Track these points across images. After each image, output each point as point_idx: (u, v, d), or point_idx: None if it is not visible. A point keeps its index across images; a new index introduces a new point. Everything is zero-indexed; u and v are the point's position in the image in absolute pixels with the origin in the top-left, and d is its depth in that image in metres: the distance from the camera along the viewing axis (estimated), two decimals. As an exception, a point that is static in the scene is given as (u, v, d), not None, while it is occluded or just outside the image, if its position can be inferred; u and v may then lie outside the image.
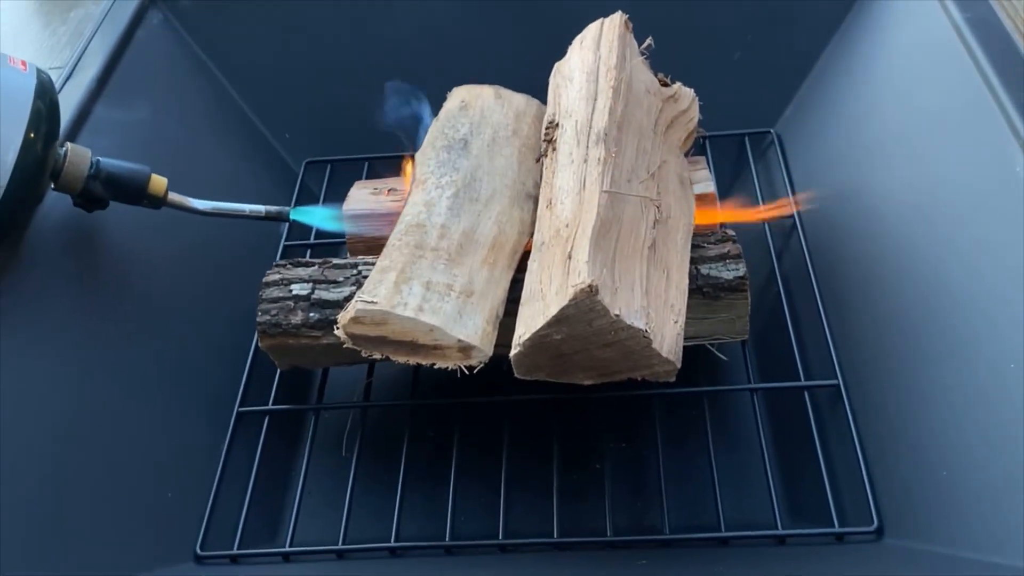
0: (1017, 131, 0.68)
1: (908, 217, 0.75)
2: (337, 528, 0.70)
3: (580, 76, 0.78)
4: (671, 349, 0.62)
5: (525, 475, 0.73)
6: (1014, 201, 0.65)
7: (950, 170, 0.74)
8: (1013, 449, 0.59)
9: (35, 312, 0.69)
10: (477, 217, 0.72)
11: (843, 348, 0.76)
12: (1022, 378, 0.60)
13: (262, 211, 0.80)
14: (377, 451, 0.77)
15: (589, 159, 0.69)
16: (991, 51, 0.74)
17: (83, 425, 0.68)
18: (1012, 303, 0.63)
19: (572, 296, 0.60)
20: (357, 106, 0.95)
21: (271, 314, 0.74)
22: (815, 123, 0.92)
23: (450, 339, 0.64)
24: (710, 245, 0.74)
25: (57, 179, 0.70)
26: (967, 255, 0.69)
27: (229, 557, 0.69)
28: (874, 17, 0.90)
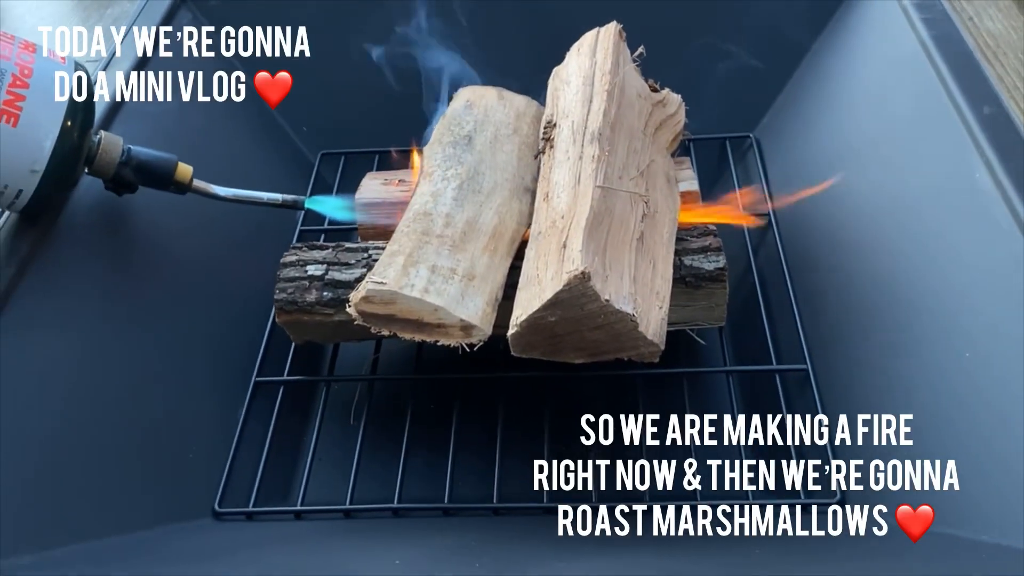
0: (976, 141, 0.68)
1: (875, 217, 0.76)
2: (345, 490, 0.71)
3: (577, 80, 0.78)
4: (656, 332, 0.63)
5: (518, 445, 0.74)
6: (972, 204, 0.66)
7: (914, 175, 0.74)
8: (961, 433, 0.60)
9: (69, 284, 0.70)
10: (479, 208, 0.73)
11: (812, 336, 0.77)
12: (976, 366, 0.61)
13: (279, 199, 0.81)
14: (382, 421, 0.78)
15: (584, 156, 0.70)
16: (954, 67, 0.75)
17: (111, 390, 0.68)
18: (969, 297, 0.64)
19: (566, 282, 0.60)
20: (370, 103, 0.96)
21: (288, 292, 0.74)
22: (791, 129, 0.93)
23: (453, 319, 0.65)
24: (693, 238, 0.75)
25: (91, 164, 0.71)
26: (928, 253, 0.69)
27: (245, 514, 0.70)
28: (847, 33, 0.91)
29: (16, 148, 0.64)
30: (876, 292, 0.72)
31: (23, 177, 0.65)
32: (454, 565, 0.59)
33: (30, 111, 0.64)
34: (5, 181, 0.65)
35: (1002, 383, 0.59)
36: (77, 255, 0.72)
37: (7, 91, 0.63)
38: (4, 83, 0.63)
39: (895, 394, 0.67)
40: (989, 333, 0.61)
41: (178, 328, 0.77)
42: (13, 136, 0.63)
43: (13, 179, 0.65)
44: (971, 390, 0.61)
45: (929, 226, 0.70)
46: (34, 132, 0.64)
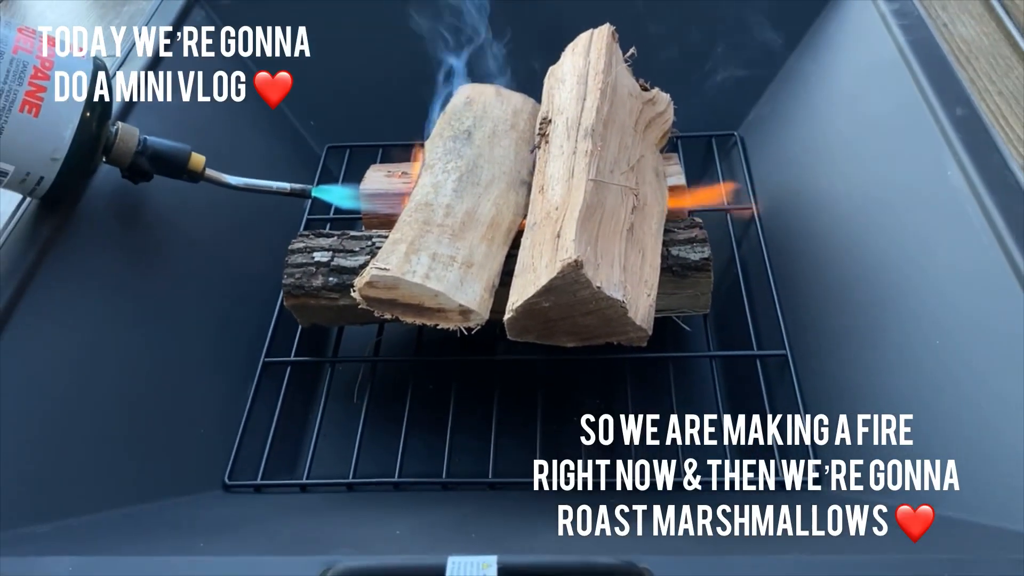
0: (949, 140, 0.69)
1: (853, 212, 0.76)
2: (348, 465, 0.71)
3: (571, 79, 0.78)
4: (644, 318, 0.63)
5: (512, 425, 0.74)
6: (945, 200, 0.67)
7: (891, 172, 0.74)
8: (931, 417, 0.60)
9: (88, 267, 0.70)
10: (478, 199, 0.73)
11: (791, 323, 0.77)
12: (946, 351, 0.61)
13: (287, 188, 0.80)
14: (384, 400, 0.78)
15: (578, 151, 0.70)
16: (929, 70, 0.75)
17: (127, 367, 0.68)
18: (940, 287, 0.64)
19: (560, 269, 0.60)
20: (374, 98, 0.95)
21: (295, 277, 0.74)
22: (774, 127, 0.93)
23: (452, 304, 0.65)
24: (680, 230, 0.75)
25: (109, 153, 0.71)
26: (903, 246, 0.70)
27: (253, 486, 0.70)
28: (828, 37, 0.91)
29: (38, 137, 0.64)
30: (853, 283, 0.72)
31: (44, 164, 0.65)
32: (452, 535, 0.59)
33: (51, 102, 0.64)
34: (27, 169, 0.65)
35: (968, 366, 0.59)
36: (95, 240, 0.71)
37: (29, 82, 0.63)
38: (27, 75, 0.63)
39: (870, 378, 0.67)
40: (958, 321, 0.62)
41: (190, 311, 0.77)
42: (35, 125, 0.63)
43: (35, 166, 0.65)
44: (940, 373, 0.61)
45: (904, 220, 0.71)
46: (55, 122, 0.64)
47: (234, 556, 0.50)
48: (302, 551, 0.51)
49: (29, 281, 0.64)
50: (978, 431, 0.57)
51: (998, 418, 0.56)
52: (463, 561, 0.46)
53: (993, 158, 0.66)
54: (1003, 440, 0.55)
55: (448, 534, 0.60)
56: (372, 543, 0.58)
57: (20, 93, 0.62)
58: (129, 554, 0.51)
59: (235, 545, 0.58)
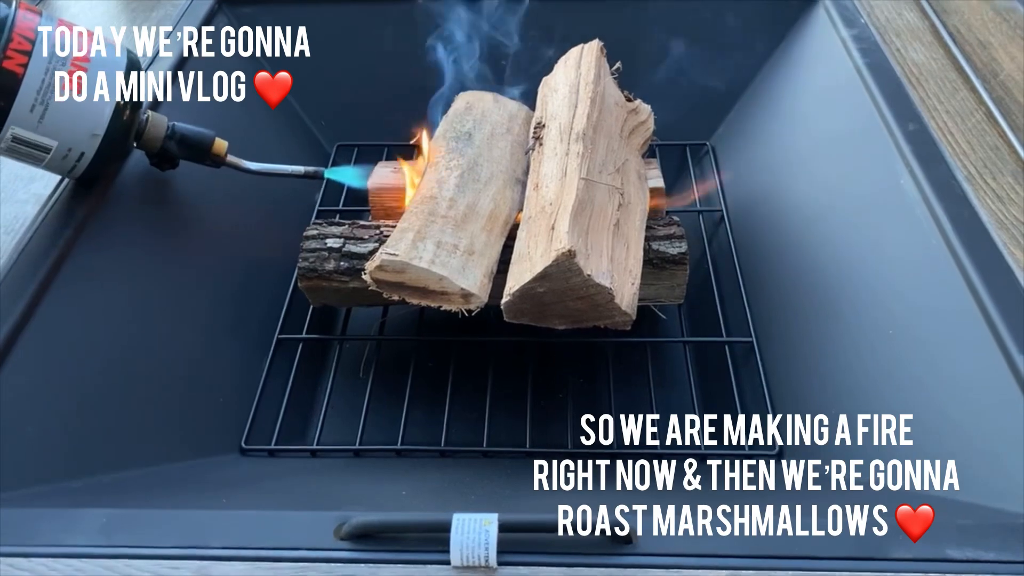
0: (902, 151, 0.69)
1: (814, 214, 0.77)
2: (355, 433, 0.71)
3: (564, 88, 0.78)
4: (629, 304, 0.63)
5: (505, 400, 0.74)
6: (897, 205, 0.67)
7: (849, 179, 0.75)
8: (888, 393, 0.61)
9: (118, 245, 0.69)
10: (478, 194, 0.73)
11: (757, 313, 0.77)
12: (898, 340, 0.62)
13: (301, 171, 0.78)
14: (388, 375, 0.77)
15: (570, 153, 0.70)
16: (884, 90, 0.76)
17: (152, 340, 0.68)
18: (892, 282, 0.65)
19: (554, 258, 0.60)
20: (381, 102, 0.95)
21: (309, 261, 0.73)
22: (743, 138, 0.93)
23: (455, 287, 0.65)
24: (660, 227, 0.75)
25: (140, 139, 0.70)
26: (859, 245, 0.70)
27: (267, 451, 0.70)
28: (793, 58, 0.91)
29: (79, 114, 0.63)
30: (813, 278, 0.73)
31: (85, 140, 0.64)
32: (453, 495, 0.59)
33: (92, 83, 0.63)
34: (69, 144, 0.64)
35: (919, 354, 0.60)
36: (126, 221, 0.70)
37: (72, 64, 0.62)
38: (69, 59, 0.62)
39: (828, 364, 0.67)
40: (909, 313, 0.62)
41: (210, 290, 0.76)
42: (77, 104, 0.63)
43: (76, 142, 0.64)
44: (892, 360, 0.62)
45: (861, 222, 0.71)
46: (95, 101, 0.63)
47: (255, 511, 0.50)
48: (317, 507, 0.50)
49: (65, 256, 0.64)
50: (927, 407, 0.57)
51: (945, 397, 0.56)
52: (467, 518, 0.46)
53: (941, 168, 0.67)
54: (949, 415, 0.56)
55: (450, 495, 0.60)
56: (381, 502, 0.57)
57: (64, 75, 0.62)
58: (158, 507, 0.51)
59: (255, 501, 0.57)
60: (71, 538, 0.47)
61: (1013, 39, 0.85)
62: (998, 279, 0.58)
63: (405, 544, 0.47)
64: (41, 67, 0.60)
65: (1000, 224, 0.63)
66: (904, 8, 0.91)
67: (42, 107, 0.61)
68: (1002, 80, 0.79)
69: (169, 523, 0.48)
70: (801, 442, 0.65)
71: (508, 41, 0.95)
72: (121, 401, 0.62)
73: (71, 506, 0.50)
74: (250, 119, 0.93)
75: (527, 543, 0.46)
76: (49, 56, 0.61)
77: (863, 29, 0.85)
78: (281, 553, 0.46)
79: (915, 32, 0.87)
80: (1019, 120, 0.74)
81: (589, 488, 0.61)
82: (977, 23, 0.88)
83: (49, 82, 0.61)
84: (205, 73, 0.87)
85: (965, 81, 0.79)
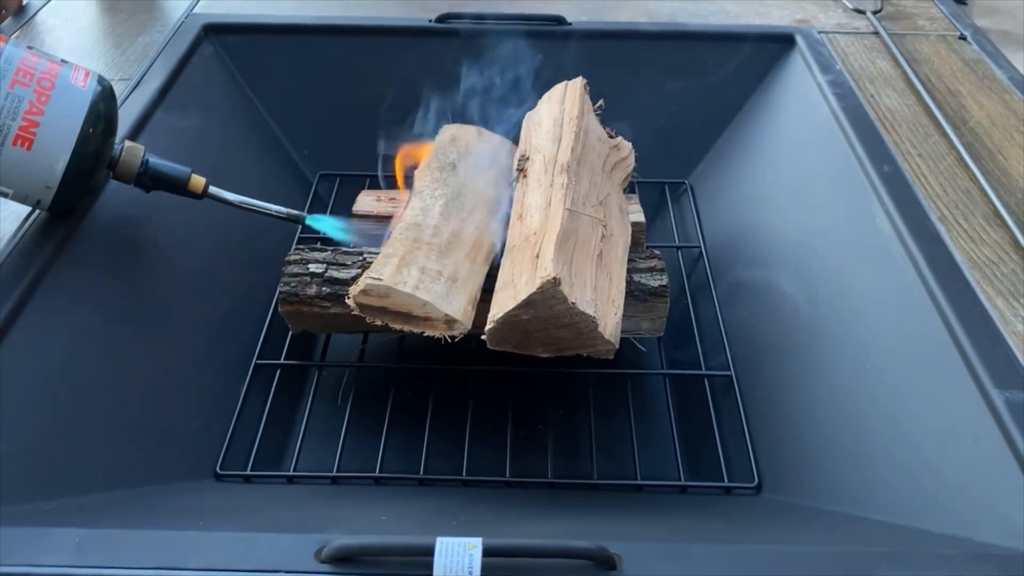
0: (877, 191, 0.71)
1: (791, 252, 0.78)
2: (332, 461, 0.70)
3: (548, 122, 0.79)
4: (612, 333, 0.64)
5: (485, 429, 0.73)
6: (871, 243, 0.69)
7: (825, 219, 0.77)
8: (864, 427, 0.62)
9: (96, 270, 0.68)
10: (462, 222, 0.73)
11: (736, 347, 0.78)
12: (875, 374, 0.63)
13: (283, 213, 0.77)
14: (366, 403, 0.76)
15: (555, 184, 0.71)
16: (860, 133, 0.78)
17: (127, 365, 0.66)
18: (868, 318, 0.67)
19: (539, 285, 0.61)
20: (364, 132, 0.95)
21: (291, 285, 0.73)
22: (721, 177, 0.95)
23: (439, 313, 0.65)
24: (641, 260, 0.76)
25: (114, 171, 0.69)
26: (834, 281, 0.72)
27: (243, 477, 0.68)
28: (771, 100, 0.94)
29: (31, 168, 0.61)
30: (791, 314, 0.74)
31: (40, 191, 0.62)
32: (435, 521, 0.58)
33: (44, 136, 0.61)
34: (25, 193, 0.63)
35: (894, 388, 0.61)
36: (104, 241, 0.70)
37: (23, 118, 0.60)
38: (21, 110, 0.60)
39: (806, 397, 0.68)
40: (886, 347, 0.63)
41: (188, 313, 0.75)
42: (28, 158, 0.61)
43: (31, 192, 0.63)
44: (869, 394, 0.63)
45: (837, 260, 0.73)
46: (47, 155, 0.61)
47: (233, 532, 0.49)
48: (297, 530, 0.49)
49: (39, 281, 0.63)
50: (902, 440, 0.58)
51: (920, 432, 0.57)
52: (451, 542, 0.46)
53: (915, 209, 0.69)
54: (919, 451, 0.57)
55: (431, 521, 0.59)
56: (361, 527, 0.56)
57: (14, 128, 0.60)
58: (132, 528, 0.50)
59: (232, 524, 0.56)
60: (43, 557, 0.46)
61: (981, 88, 0.88)
62: (972, 316, 0.59)
63: (387, 567, 0.46)
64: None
65: (973, 263, 0.65)
66: (877, 57, 0.95)
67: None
68: (971, 127, 0.82)
69: (145, 543, 0.47)
70: (781, 476, 0.67)
71: (489, 77, 0.97)
72: (95, 423, 0.61)
73: (43, 525, 0.49)
74: (233, 148, 0.93)
75: (512, 568, 0.45)
76: (2, 105, 0.59)
77: (838, 75, 0.88)
78: (260, 575, 0.45)
79: (888, 79, 0.90)
80: (988, 164, 0.76)
81: (573, 515, 0.61)
82: (947, 72, 0.91)
83: (3, 134, 0.59)
84: (189, 100, 0.89)
85: (936, 127, 0.82)
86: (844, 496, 0.60)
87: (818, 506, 0.61)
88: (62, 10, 1.02)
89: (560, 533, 0.47)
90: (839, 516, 0.58)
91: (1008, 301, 0.61)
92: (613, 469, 0.71)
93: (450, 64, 0.96)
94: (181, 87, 0.88)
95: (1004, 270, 0.64)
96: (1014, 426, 0.52)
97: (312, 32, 0.99)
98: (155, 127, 0.81)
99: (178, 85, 0.88)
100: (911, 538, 0.53)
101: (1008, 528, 0.49)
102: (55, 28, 0.97)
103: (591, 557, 0.46)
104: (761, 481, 0.67)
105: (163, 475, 0.63)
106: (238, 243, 0.84)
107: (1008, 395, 0.54)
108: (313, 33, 0.99)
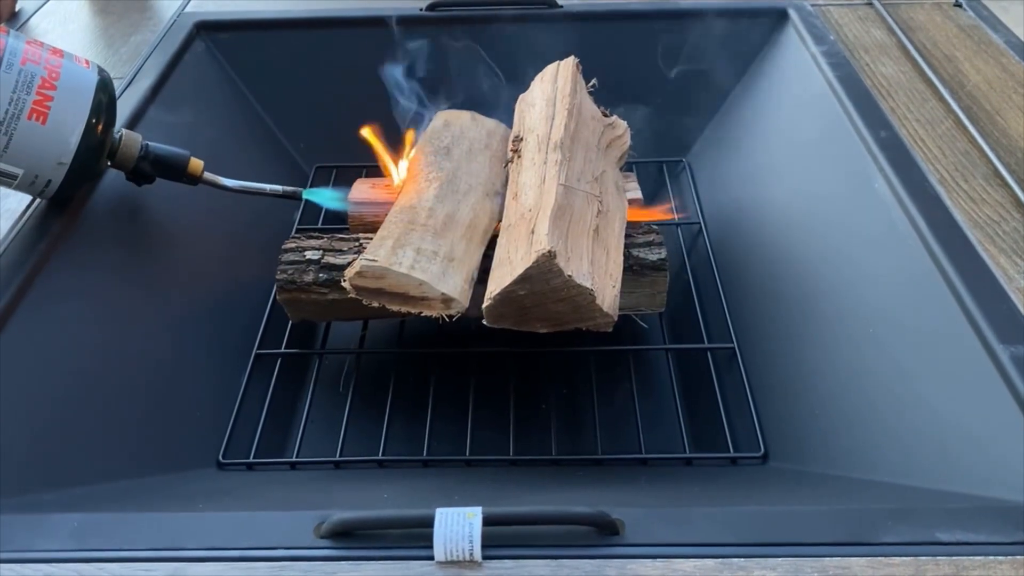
0: (875, 156, 0.70)
1: (791, 220, 0.77)
2: (334, 447, 0.69)
3: (541, 102, 0.79)
4: (610, 305, 0.63)
5: (487, 411, 0.73)
6: (871, 208, 0.68)
7: (824, 186, 0.76)
8: (870, 390, 0.61)
9: (95, 260, 0.68)
10: (457, 204, 0.73)
11: (737, 319, 0.77)
12: (878, 338, 0.62)
13: (280, 190, 0.78)
14: (368, 389, 0.76)
15: (548, 162, 0.70)
16: (855, 100, 0.77)
17: (129, 354, 0.66)
18: (871, 283, 0.66)
19: (535, 259, 0.60)
20: (359, 123, 0.95)
21: (288, 273, 0.73)
22: (718, 153, 0.94)
23: (435, 292, 0.64)
24: (639, 235, 0.75)
25: (113, 158, 0.69)
26: (836, 248, 0.71)
27: (246, 464, 0.68)
28: (766, 74, 0.93)
29: (45, 143, 0.62)
30: (792, 281, 0.73)
31: (51, 169, 0.63)
32: (437, 497, 0.57)
33: (58, 110, 0.62)
34: (36, 172, 0.63)
35: (901, 349, 0.60)
36: (102, 235, 0.70)
37: (37, 92, 0.61)
38: (35, 85, 0.61)
39: (808, 366, 0.67)
40: (890, 309, 0.63)
41: (188, 305, 0.75)
42: (43, 132, 0.61)
43: (42, 171, 0.63)
44: (876, 356, 0.62)
45: (837, 226, 0.72)
46: (61, 129, 0.62)
47: (232, 512, 0.48)
48: (296, 508, 0.49)
49: (38, 272, 0.62)
50: (911, 400, 0.57)
51: (928, 390, 0.57)
52: (450, 512, 0.45)
53: (914, 171, 0.68)
54: (925, 410, 0.56)
55: (433, 496, 0.59)
56: (362, 504, 0.56)
57: (28, 102, 0.60)
58: (132, 511, 0.49)
59: (232, 505, 0.55)
60: (41, 542, 0.45)
61: (978, 52, 0.87)
62: (974, 273, 0.58)
63: (387, 541, 0.45)
64: (6, 92, 0.59)
65: (974, 223, 0.64)
66: (872, 26, 0.94)
67: (6, 137, 0.60)
68: (969, 91, 0.81)
69: (143, 526, 0.47)
70: (787, 444, 0.66)
71: (482, 62, 0.96)
72: (96, 415, 0.61)
73: (42, 512, 0.48)
74: (229, 141, 0.93)
75: (512, 536, 0.45)
76: (14, 83, 0.60)
77: (832, 45, 0.87)
78: (259, 553, 0.45)
79: (883, 48, 0.89)
80: (987, 126, 0.75)
81: (576, 488, 0.61)
82: (942, 39, 0.90)
83: (14, 110, 0.60)
84: (183, 94, 0.88)
85: (933, 92, 0.81)
86: (851, 460, 0.59)
87: (825, 472, 0.60)
88: (55, 13, 1.02)
89: (563, 502, 0.47)
90: (846, 480, 0.58)
91: (1011, 259, 0.60)
92: (618, 445, 0.70)
93: (442, 51, 0.96)
94: (174, 84, 0.88)
95: (1006, 228, 0.63)
96: (1020, 380, 0.51)
97: (303, 26, 0.99)
98: (149, 123, 0.81)
99: (171, 82, 0.88)
100: (918, 496, 0.52)
101: (1015, 483, 0.48)
102: (49, 31, 0.98)
103: (593, 523, 0.45)
104: (767, 450, 0.67)
105: (165, 465, 0.63)
106: (237, 233, 0.84)
107: (1013, 350, 0.53)
108: (304, 27, 0.99)
